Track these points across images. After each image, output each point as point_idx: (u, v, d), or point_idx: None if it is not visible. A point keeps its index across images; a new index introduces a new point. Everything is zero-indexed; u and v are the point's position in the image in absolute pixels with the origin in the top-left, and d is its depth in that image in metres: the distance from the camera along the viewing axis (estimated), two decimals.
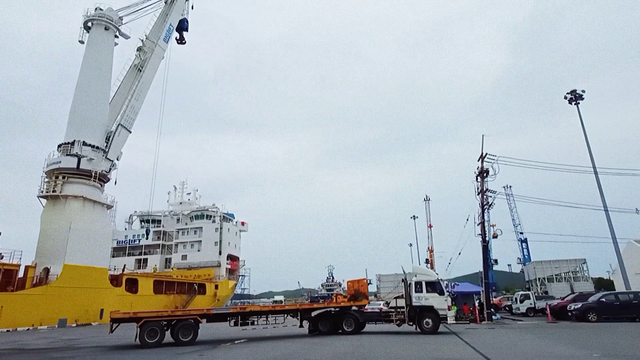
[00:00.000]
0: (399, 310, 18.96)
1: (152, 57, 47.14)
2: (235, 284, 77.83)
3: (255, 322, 18.33)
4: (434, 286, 18.58)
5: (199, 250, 72.16)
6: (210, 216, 75.14)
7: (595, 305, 24.12)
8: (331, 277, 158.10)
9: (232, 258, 76.24)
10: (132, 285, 46.85)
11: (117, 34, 46.63)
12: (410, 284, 19.00)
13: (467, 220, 33.59)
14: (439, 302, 18.16)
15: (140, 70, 46.59)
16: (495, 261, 55.73)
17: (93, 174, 40.59)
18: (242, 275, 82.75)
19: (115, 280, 44.33)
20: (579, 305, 24.68)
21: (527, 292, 37.80)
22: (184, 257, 72.27)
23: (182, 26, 52.00)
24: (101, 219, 41.97)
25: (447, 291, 19.56)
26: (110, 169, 43.53)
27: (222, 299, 68.84)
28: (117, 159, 44.66)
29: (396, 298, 19.86)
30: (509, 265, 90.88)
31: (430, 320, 17.87)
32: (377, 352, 11.89)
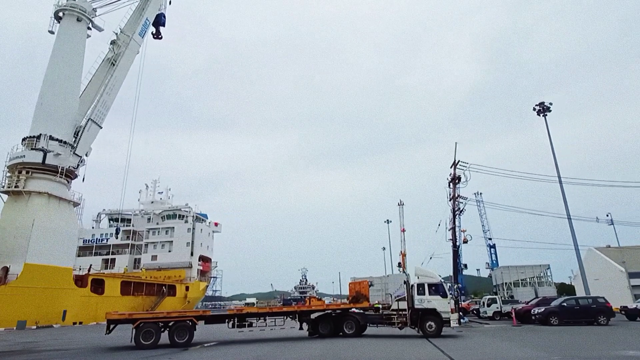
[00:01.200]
0: (400, 312, 18.49)
1: (127, 51, 45.83)
2: (207, 286, 76.54)
3: (254, 324, 18.04)
4: (436, 288, 18.19)
5: (169, 251, 70.51)
6: (183, 216, 73.63)
7: (557, 310, 25.16)
8: (304, 280, 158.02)
9: (204, 259, 74.92)
10: (98, 286, 45.24)
11: (90, 25, 45.11)
12: (412, 286, 18.59)
13: (439, 225, 34.45)
14: (442, 305, 17.76)
15: (114, 65, 45.19)
16: (465, 266, 57.07)
17: (59, 170, 39.02)
18: (214, 277, 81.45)
19: (80, 280, 42.69)
20: (542, 310, 25.67)
21: (494, 296, 38.95)
22: (154, 257, 70.43)
23: (159, 21, 50.80)
24: (67, 217, 40.35)
25: (450, 293, 19.20)
26: (78, 165, 41.98)
27: (193, 301, 67.48)
28: (86, 155, 43.13)
29: (398, 300, 19.34)
30: (477, 269, 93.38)
31: (433, 323, 17.44)
32: (344, 355, 11.98)
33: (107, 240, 72.19)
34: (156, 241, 71.70)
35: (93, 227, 76.94)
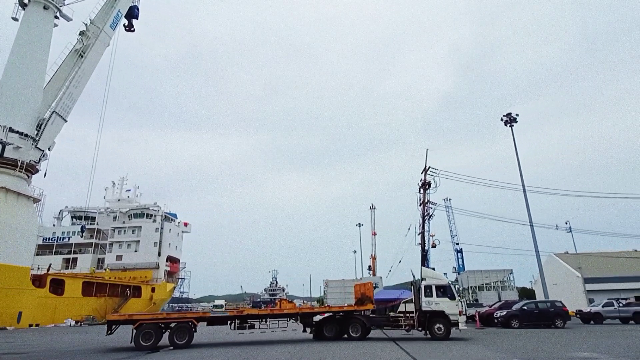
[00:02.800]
0: (408, 315, 18.18)
1: (97, 43, 44.12)
2: (174, 287, 74.69)
3: (256, 327, 17.80)
4: (444, 290, 17.88)
5: (136, 251, 68.46)
6: (151, 215, 71.67)
7: (518, 313, 26.21)
8: (275, 282, 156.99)
9: (172, 260, 73.19)
10: (57, 286, 43.30)
11: (58, 14, 43.18)
12: (419, 288, 18.23)
13: (409, 229, 35.16)
14: (450, 307, 17.48)
15: (82, 56, 43.39)
16: (433, 269, 58.43)
17: (19, 164, 37.12)
18: (181, 278, 79.62)
19: (38, 280, 40.72)
20: (504, 313, 26.67)
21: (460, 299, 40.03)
22: (119, 257, 68.18)
23: (132, 13, 49.18)
24: (26, 213, 38.37)
25: (459, 295, 18.85)
26: (40, 159, 40.09)
27: (159, 303, 65.69)
28: (49, 149, 41.25)
29: (405, 302, 18.93)
30: (445, 273, 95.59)
31: (442, 326, 17.17)
32: (311, 357, 12.03)
33: (68, 239, 69.26)
34: (122, 240, 69.43)
35: (54, 225, 73.65)
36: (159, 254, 68.72)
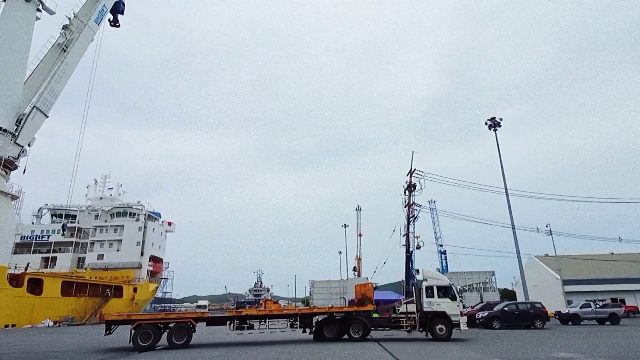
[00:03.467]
0: (409, 316, 18.21)
1: (80, 37, 43.16)
2: (157, 287, 73.61)
3: (256, 327, 17.76)
4: (446, 291, 17.92)
5: (118, 250, 67.30)
6: (134, 214, 70.52)
7: (499, 314, 26.71)
8: (260, 282, 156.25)
9: (155, 260, 72.15)
10: (35, 286, 42.21)
11: (40, 7, 42.13)
12: (421, 288, 18.26)
13: (394, 231, 35.41)
14: (452, 308, 17.55)
15: (65, 51, 42.42)
16: (417, 271, 59.00)
17: None
18: (164, 278, 78.54)
19: (15, 280, 39.67)
20: (485, 314, 27.15)
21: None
22: (101, 256, 66.89)
23: (118, 8, 48.21)
24: (3, 211, 37.32)
25: (460, 296, 18.94)
26: (19, 155, 39.05)
27: (141, 303, 64.68)
28: (29, 145, 40.22)
29: (406, 303, 19.07)
30: None
31: (443, 327, 17.22)
32: (297, 358, 12.03)
33: (48, 238, 67.56)
34: (103, 239, 68.16)
35: (33, 223, 71.70)
36: (142, 254, 67.63)
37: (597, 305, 31.03)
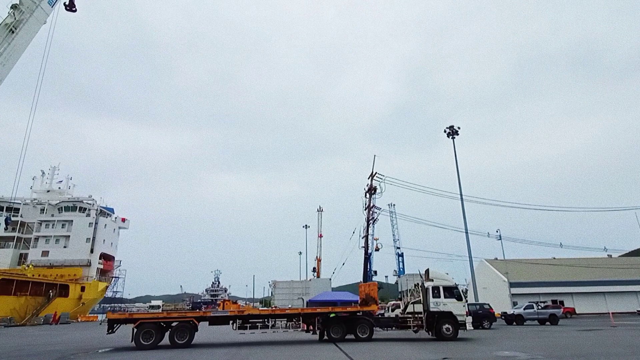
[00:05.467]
0: (416, 316, 18.34)
1: (31, 19, 40.16)
2: (107, 287, 70.11)
3: (258, 327, 17.68)
4: (451, 291, 18.15)
5: (65, 247, 63.55)
6: (85, 209, 66.89)
7: None
8: (217, 282, 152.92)
9: (106, 257, 68.81)
10: None
11: None
12: (427, 289, 18.37)
13: (354, 232, 36.00)
14: (457, 308, 17.77)
15: (13, 32, 39.44)
16: (375, 272, 60.32)
17: None
18: (116, 277, 74.94)
19: None
20: None
21: (398, 302, 41.67)
22: (45, 253, 62.82)
23: None
24: None
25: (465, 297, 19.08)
26: None
27: (89, 303, 61.50)
28: None
29: (413, 303, 19.12)
30: (386, 276, 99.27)
31: (450, 326, 17.41)
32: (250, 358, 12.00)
33: None
34: (49, 235, 64.13)
35: None
36: (92, 251, 64.30)
37: (539, 307, 33.07)
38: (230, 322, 17.79)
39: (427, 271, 19.43)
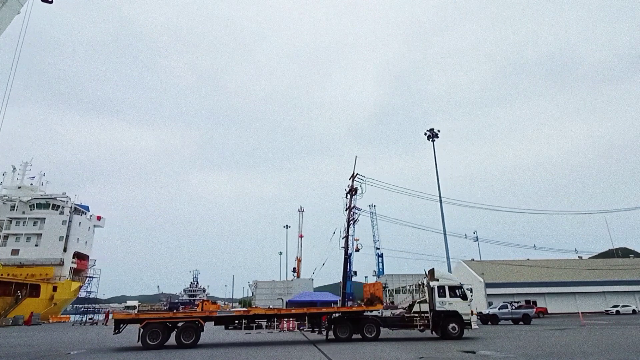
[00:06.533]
0: (422, 315, 18.39)
1: (4, 8, 38.65)
2: (80, 287, 68.08)
3: (264, 327, 18.04)
4: (456, 291, 18.30)
5: (37, 245, 61.42)
6: (58, 206, 64.83)
7: None
8: (196, 282, 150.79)
9: (81, 256, 66.85)
10: None
11: None
12: (433, 288, 18.41)
13: (334, 233, 36.03)
14: (463, 307, 17.94)
15: None
16: (355, 273, 60.65)
17: None
18: (89, 277, 72.81)
19: None
20: None
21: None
22: (15, 251, 60.59)
23: None
24: None
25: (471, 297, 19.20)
26: None
27: (61, 303, 59.69)
28: None
29: (419, 303, 19.10)
30: (365, 277, 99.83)
31: (456, 325, 17.54)
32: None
33: None
34: (20, 233, 61.91)
35: None
36: (65, 250, 62.38)
37: (513, 307, 33.95)
38: (236, 322, 17.95)
39: (431, 271, 19.62)
